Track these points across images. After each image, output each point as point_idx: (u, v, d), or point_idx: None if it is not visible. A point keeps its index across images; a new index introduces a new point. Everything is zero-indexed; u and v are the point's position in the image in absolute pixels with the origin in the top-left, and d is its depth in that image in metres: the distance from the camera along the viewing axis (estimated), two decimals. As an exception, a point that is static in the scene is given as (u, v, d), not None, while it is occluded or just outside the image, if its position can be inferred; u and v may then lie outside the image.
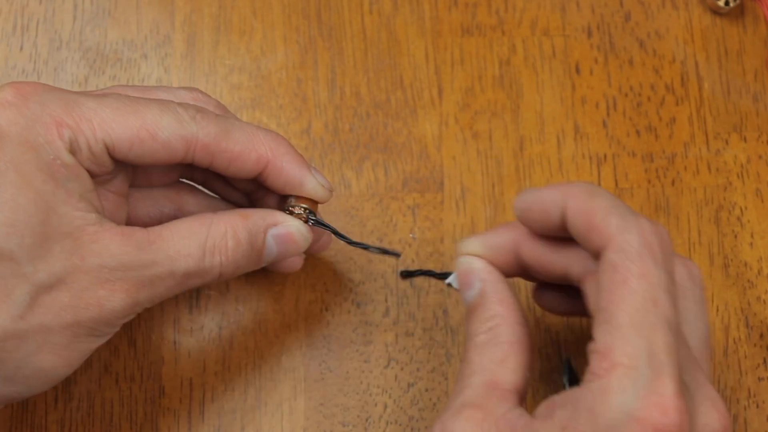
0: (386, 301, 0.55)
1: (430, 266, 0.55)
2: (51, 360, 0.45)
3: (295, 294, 0.55)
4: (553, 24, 0.59)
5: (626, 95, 0.58)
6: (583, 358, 0.54)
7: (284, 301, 0.54)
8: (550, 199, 0.44)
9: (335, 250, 0.55)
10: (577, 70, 0.59)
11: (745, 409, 0.53)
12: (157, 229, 0.46)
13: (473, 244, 0.47)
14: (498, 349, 0.44)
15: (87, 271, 0.44)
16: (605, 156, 0.57)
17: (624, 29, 0.60)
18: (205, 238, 0.46)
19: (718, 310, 0.55)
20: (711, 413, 0.41)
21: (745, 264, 0.56)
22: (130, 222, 0.50)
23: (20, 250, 0.43)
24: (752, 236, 0.56)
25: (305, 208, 0.50)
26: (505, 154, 0.57)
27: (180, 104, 0.47)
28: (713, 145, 0.58)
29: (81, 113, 0.45)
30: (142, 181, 0.51)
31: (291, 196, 0.50)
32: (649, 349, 0.39)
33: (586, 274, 0.44)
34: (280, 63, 0.59)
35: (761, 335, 0.54)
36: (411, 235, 0.56)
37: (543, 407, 0.42)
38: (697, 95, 0.59)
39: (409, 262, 0.55)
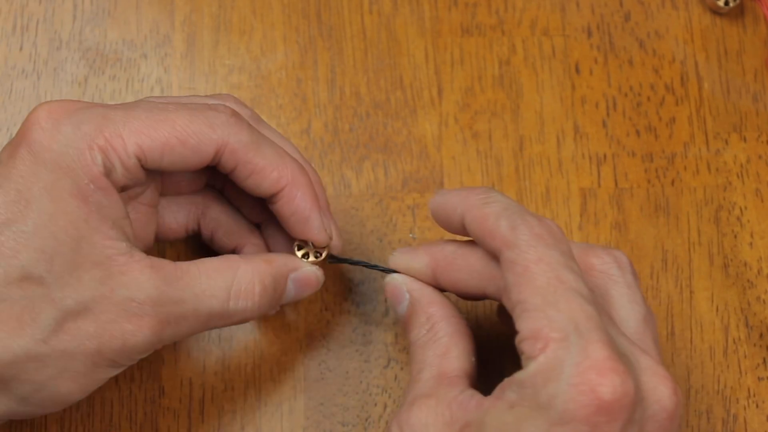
0: (386, 301, 0.55)
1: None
2: (68, 386, 0.45)
3: (295, 294, 0.55)
4: (553, 24, 0.59)
5: (626, 95, 0.58)
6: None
7: (284, 301, 0.54)
8: (451, 206, 0.46)
9: (335, 250, 0.55)
10: (577, 70, 0.59)
11: (745, 409, 0.53)
12: (184, 264, 0.46)
13: (396, 264, 0.49)
14: (439, 344, 0.47)
15: (115, 302, 0.44)
16: (605, 156, 0.57)
17: (624, 29, 0.60)
18: (231, 281, 0.47)
19: (718, 310, 0.55)
20: (658, 386, 0.42)
21: (745, 264, 0.56)
22: (158, 230, 0.51)
23: (50, 275, 0.44)
24: (752, 236, 0.56)
25: (322, 249, 0.50)
26: (505, 154, 0.57)
27: (213, 107, 0.47)
28: (713, 145, 0.58)
29: (112, 130, 0.45)
30: (170, 190, 0.51)
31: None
32: (572, 319, 0.40)
33: (502, 290, 0.45)
34: (279, 63, 0.59)
35: (761, 335, 0.54)
36: (411, 235, 0.56)
37: (497, 389, 0.43)
38: (697, 95, 0.59)
39: (409, 262, 0.55)
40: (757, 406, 0.53)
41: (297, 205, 0.48)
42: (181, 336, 0.47)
